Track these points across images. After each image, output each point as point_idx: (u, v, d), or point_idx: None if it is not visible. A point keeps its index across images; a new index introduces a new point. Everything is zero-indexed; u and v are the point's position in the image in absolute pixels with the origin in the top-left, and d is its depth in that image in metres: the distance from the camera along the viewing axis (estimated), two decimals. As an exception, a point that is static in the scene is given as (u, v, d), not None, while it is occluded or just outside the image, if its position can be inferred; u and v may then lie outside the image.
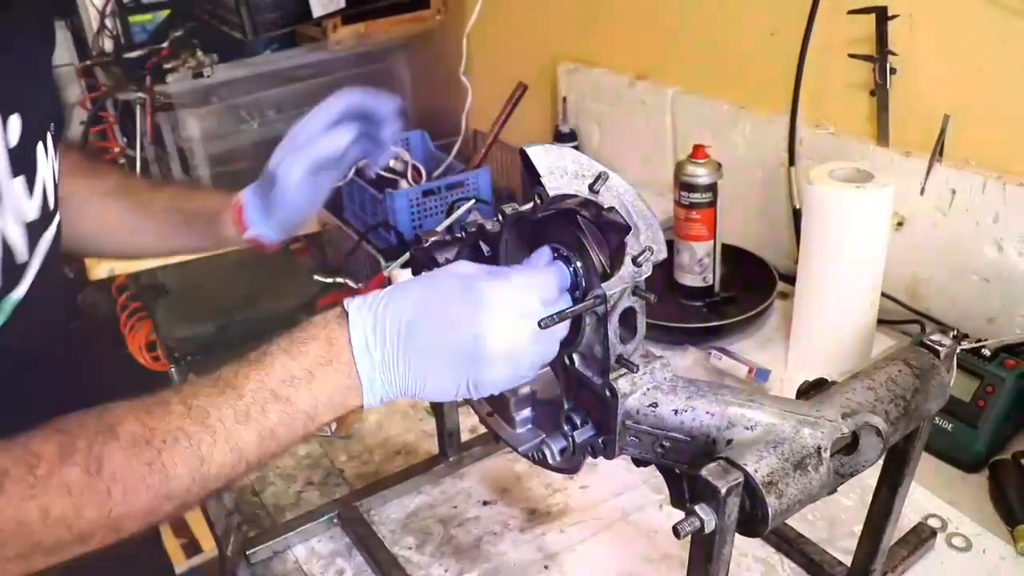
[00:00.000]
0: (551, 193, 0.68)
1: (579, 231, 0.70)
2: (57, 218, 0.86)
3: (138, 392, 0.65)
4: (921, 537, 0.98)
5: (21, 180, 0.77)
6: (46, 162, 0.83)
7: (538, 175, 0.68)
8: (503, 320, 0.66)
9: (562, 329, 0.70)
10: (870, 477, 0.83)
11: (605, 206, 0.69)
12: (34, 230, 0.80)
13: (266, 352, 0.67)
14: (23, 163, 0.78)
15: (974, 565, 0.97)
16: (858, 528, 0.90)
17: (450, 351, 0.67)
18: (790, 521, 1.00)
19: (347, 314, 0.67)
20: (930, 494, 1.06)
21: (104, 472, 0.59)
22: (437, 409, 1.12)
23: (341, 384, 0.66)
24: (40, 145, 0.82)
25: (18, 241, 0.77)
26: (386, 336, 0.66)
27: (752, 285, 1.45)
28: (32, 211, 0.80)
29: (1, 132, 0.74)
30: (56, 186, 0.86)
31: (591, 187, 0.69)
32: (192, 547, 2.27)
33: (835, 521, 1.03)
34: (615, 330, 0.69)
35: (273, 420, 0.65)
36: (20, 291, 0.79)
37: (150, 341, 1.90)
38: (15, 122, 0.76)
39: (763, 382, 1.26)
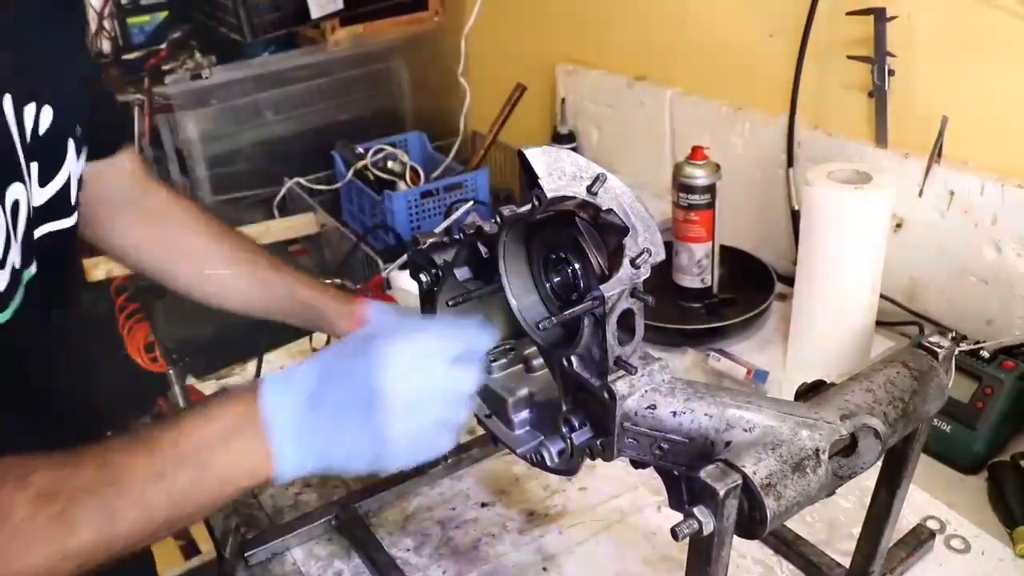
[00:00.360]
0: (549, 195, 0.68)
1: (577, 233, 0.70)
2: (74, 218, 0.87)
3: (136, 393, 0.65)
4: (920, 539, 0.98)
5: (35, 166, 0.79)
6: (75, 161, 0.84)
7: (536, 177, 0.68)
8: (397, 369, 0.66)
9: (467, 383, 0.71)
10: (869, 479, 0.83)
11: (603, 208, 0.69)
12: (38, 215, 0.81)
13: (185, 415, 0.67)
14: (43, 153, 0.79)
15: (973, 567, 0.97)
16: (857, 530, 0.90)
17: (350, 406, 0.66)
18: (789, 523, 0.99)
19: (262, 385, 0.68)
20: (929, 496, 1.06)
21: (8, 523, 0.57)
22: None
23: (253, 451, 0.66)
24: (71, 140, 0.83)
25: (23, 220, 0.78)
26: (297, 402, 0.67)
27: (751, 286, 1.45)
28: (39, 199, 0.81)
29: (32, 117, 0.76)
30: (79, 188, 0.87)
31: (589, 189, 0.69)
32: (190, 549, 2.26)
33: (834, 523, 1.03)
34: (613, 332, 0.69)
35: (184, 482, 0.64)
36: (33, 268, 0.80)
37: (148, 342, 1.90)
38: (47, 112, 0.78)
39: (762, 383, 1.26)
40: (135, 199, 1.04)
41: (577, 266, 0.72)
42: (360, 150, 1.89)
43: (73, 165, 0.84)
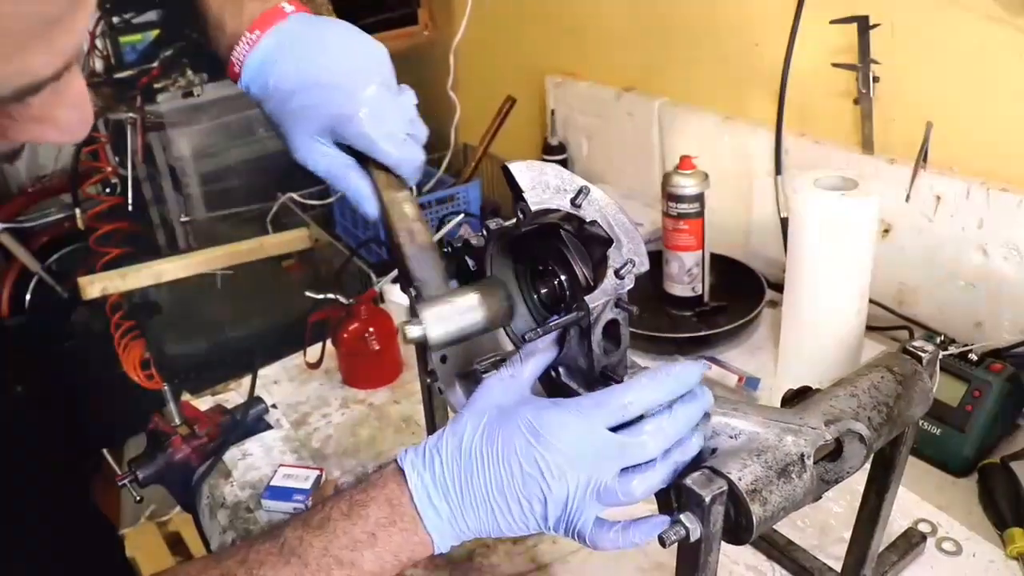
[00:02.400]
0: (533, 208, 0.69)
1: (562, 245, 0.71)
2: None
3: (132, 410, 0.65)
4: (911, 542, 0.99)
5: None
6: None
7: (520, 191, 0.69)
8: (564, 453, 0.64)
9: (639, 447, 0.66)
10: (859, 483, 0.84)
11: (587, 220, 0.69)
12: None
13: (328, 517, 0.67)
14: None
15: (964, 569, 0.98)
16: (848, 534, 0.90)
17: (515, 490, 0.65)
18: (781, 528, 1.00)
19: (403, 471, 0.67)
20: (919, 499, 1.06)
21: None
22: (429, 420, 1.12)
23: (407, 541, 0.66)
24: None
25: None
26: (449, 489, 0.66)
27: (741, 294, 1.46)
28: None
29: None
30: None
31: (573, 201, 0.70)
32: (189, 565, 2.27)
33: (825, 527, 1.04)
34: (599, 342, 0.70)
35: None
36: None
37: (144, 359, 1.90)
38: None
39: (754, 391, 1.26)
40: None
41: (563, 278, 0.73)
42: (352, 164, 1.90)
43: None
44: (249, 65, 0.83)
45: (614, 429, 0.65)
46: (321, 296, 1.50)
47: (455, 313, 0.71)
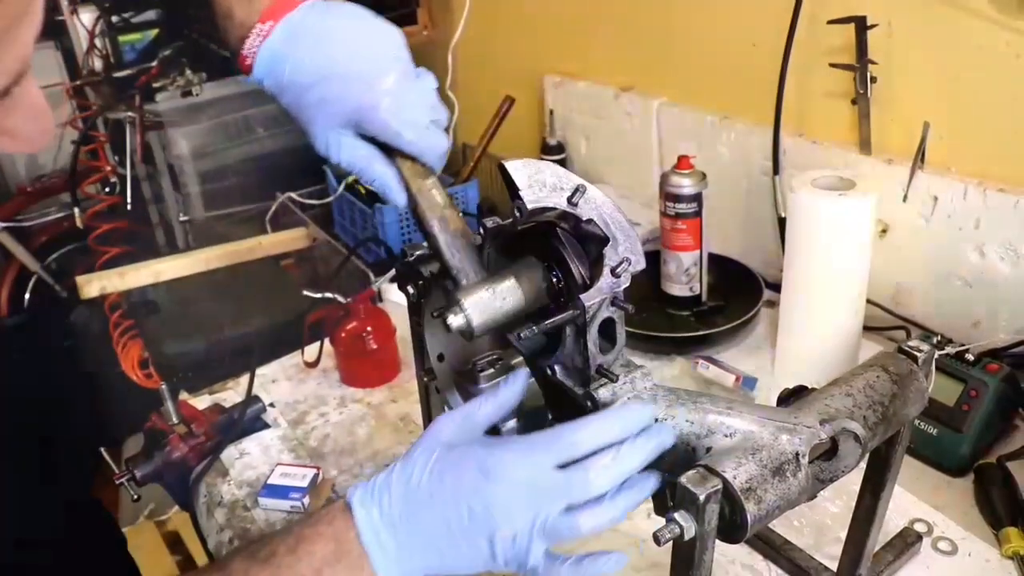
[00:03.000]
0: (530, 206, 0.69)
1: (558, 243, 0.71)
2: None
3: (131, 409, 0.65)
4: (907, 541, 0.99)
5: None
6: None
7: (517, 189, 0.69)
8: (512, 491, 0.65)
9: (582, 486, 0.66)
10: (855, 482, 0.84)
11: (583, 218, 0.70)
12: None
13: (274, 552, 0.66)
14: None
15: (960, 569, 0.98)
16: (844, 533, 0.91)
17: (463, 528, 0.65)
18: (777, 527, 1.00)
19: (351, 507, 0.67)
20: (915, 499, 1.07)
21: None
22: (426, 419, 1.12)
23: None
24: None
25: None
26: (396, 526, 0.66)
27: (739, 294, 1.46)
28: None
29: None
30: None
31: (569, 200, 0.70)
32: (188, 564, 2.27)
33: (821, 527, 1.04)
34: (595, 341, 0.70)
35: None
36: None
37: (143, 359, 1.90)
38: None
39: (751, 390, 1.27)
40: None
41: (559, 275, 0.73)
42: (351, 164, 1.90)
43: None
44: (262, 58, 0.82)
45: (564, 467, 0.66)
46: (319, 295, 1.50)
47: (496, 298, 0.72)
